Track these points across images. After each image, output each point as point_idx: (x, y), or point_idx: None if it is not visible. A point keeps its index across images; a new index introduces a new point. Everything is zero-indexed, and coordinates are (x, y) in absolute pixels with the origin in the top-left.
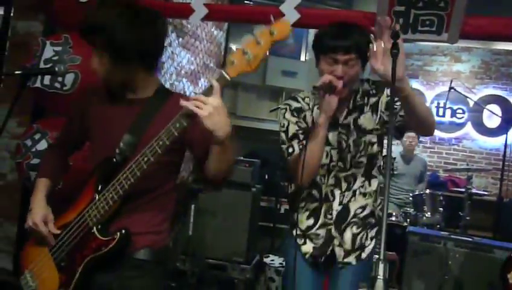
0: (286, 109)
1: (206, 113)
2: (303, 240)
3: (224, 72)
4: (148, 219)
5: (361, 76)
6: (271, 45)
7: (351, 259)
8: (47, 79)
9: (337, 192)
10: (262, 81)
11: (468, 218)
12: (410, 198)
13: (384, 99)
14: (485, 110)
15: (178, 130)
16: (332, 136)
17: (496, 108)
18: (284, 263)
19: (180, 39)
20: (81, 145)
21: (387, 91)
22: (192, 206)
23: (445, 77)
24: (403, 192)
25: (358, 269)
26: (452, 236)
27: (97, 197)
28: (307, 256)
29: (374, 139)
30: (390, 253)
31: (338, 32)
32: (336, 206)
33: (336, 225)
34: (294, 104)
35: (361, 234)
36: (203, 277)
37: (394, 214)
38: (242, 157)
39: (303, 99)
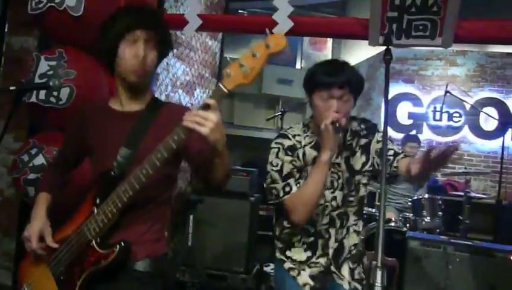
0: (279, 148)
1: (208, 131)
2: (297, 272)
3: (221, 85)
4: (146, 229)
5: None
6: (267, 57)
7: (357, 285)
8: (42, 94)
9: (332, 231)
10: (259, 89)
11: (467, 221)
12: (410, 203)
13: (375, 145)
14: (481, 113)
15: (176, 143)
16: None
17: (492, 111)
18: None
19: (175, 50)
20: (80, 162)
21: (377, 136)
22: (191, 216)
23: (441, 81)
24: (402, 197)
25: None
26: (452, 240)
27: (95, 211)
28: (306, 287)
29: (364, 181)
30: (390, 259)
31: (332, 69)
32: (332, 244)
33: (334, 261)
34: (287, 143)
35: (358, 269)
36: (203, 288)
37: (393, 219)
38: (239, 167)
39: (293, 136)
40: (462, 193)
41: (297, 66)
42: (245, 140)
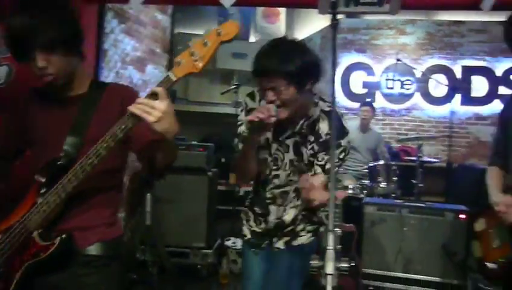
0: (244, 107)
1: (155, 119)
2: (247, 230)
3: (171, 73)
4: (95, 215)
5: (310, 99)
6: (218, 45)
7: (280, 244)
8: None
9: (273, 207)
10: (213, 64)
11: (421, 185)
12: (366, 170)
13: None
14: (431, 80)
15: (123, 131)
16: (273, 148)
17: (441, 77)
18: None
19: (123, 25)
20: (19, 155)
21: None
22: (148, 195)
23: (392, 49)
24: (359, 164)
25: (288, 256)
26: (406, 203)
27: (39, 201)
28: (250, 240)
29: (307, 167)
30: (348, 225)
31: (263, 56)
32: (273, 219)
33: (275, 231)
34: (250, 104)
35: (294, 241)
36: (165, 266)
37: (351, 187)
38: (196, 142)
39: (259, 100)
40: (415, 158)
41: (251, 39)
42: (201, 116)
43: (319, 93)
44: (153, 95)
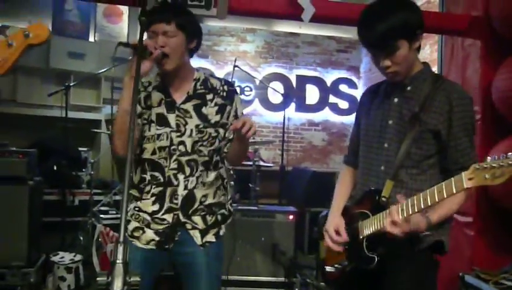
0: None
1: None
2: (141, 231)
3: None
4: None
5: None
6: (25, 48)
7: (210, 237)
8: None
9: (180, 177)
10: (46, 63)
11: (258, 189)
12: None
13: (231, 116)
14: (269, 87)
15: None
16: (171, 118)
17: (278, 85)
18: (75, 258)
19: None
20: None
21: (235, 106)
22: None
23: (233, 56)
24: None
25: (216, 248)
26: (239, 207)
27: None
28: (150, 244)
29: (216, 134)
30: None
31: (157, 9)
32: (181, 191)
33: (183, 211)
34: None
35: (209, 217)
36: None
37: None
38: (15, 148)
39: (147, 86)
40: (251, 163)
41: (91, 38)
42: (31, 119)
43: None
44: None
